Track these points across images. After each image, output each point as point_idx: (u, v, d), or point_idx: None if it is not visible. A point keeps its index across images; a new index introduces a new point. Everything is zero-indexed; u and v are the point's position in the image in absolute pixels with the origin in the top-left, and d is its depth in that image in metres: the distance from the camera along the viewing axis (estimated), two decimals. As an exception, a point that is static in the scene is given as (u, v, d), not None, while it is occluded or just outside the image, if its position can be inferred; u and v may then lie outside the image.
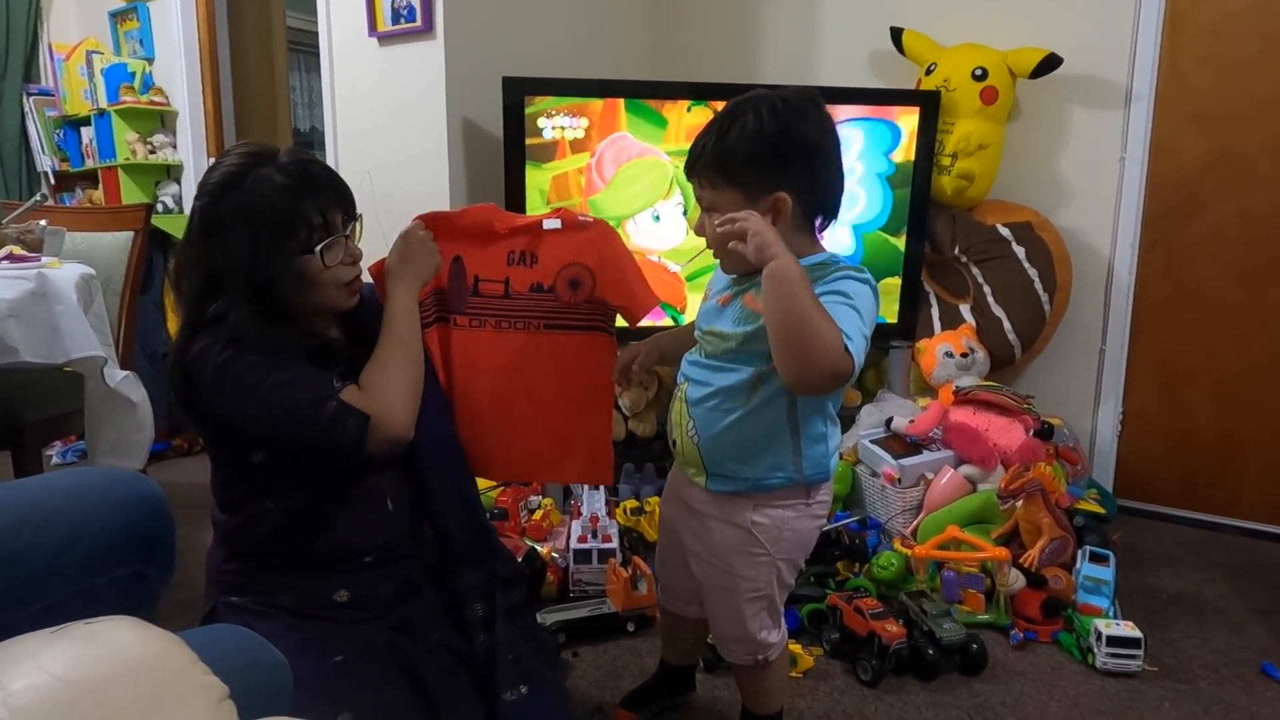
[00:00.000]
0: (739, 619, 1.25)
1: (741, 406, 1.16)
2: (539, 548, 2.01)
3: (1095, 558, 1.95)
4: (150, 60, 3.23)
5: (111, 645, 0.49)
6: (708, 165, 1.14)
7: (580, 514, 2.04)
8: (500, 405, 1.39)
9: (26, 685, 0.45)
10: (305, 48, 4.51)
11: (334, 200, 1.19)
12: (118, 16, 3.29)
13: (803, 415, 1.16)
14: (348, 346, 1.25)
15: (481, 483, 1.55)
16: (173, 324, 3.14)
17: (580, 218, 1.38)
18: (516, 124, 2.28)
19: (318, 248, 1.16)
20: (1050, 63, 2.38)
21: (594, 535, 1.95)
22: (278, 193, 1.13)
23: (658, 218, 2.39)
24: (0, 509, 0.78)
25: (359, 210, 1.24)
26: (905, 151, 2.40)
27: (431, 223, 1.33)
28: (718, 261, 1.22)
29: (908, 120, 2.38)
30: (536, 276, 1.37)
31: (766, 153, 1.11)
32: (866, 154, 2.39)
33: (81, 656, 0.47)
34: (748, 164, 1.11)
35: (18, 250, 1.74)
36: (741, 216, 1.06)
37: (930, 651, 1.66)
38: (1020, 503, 1.98)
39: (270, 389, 1.11)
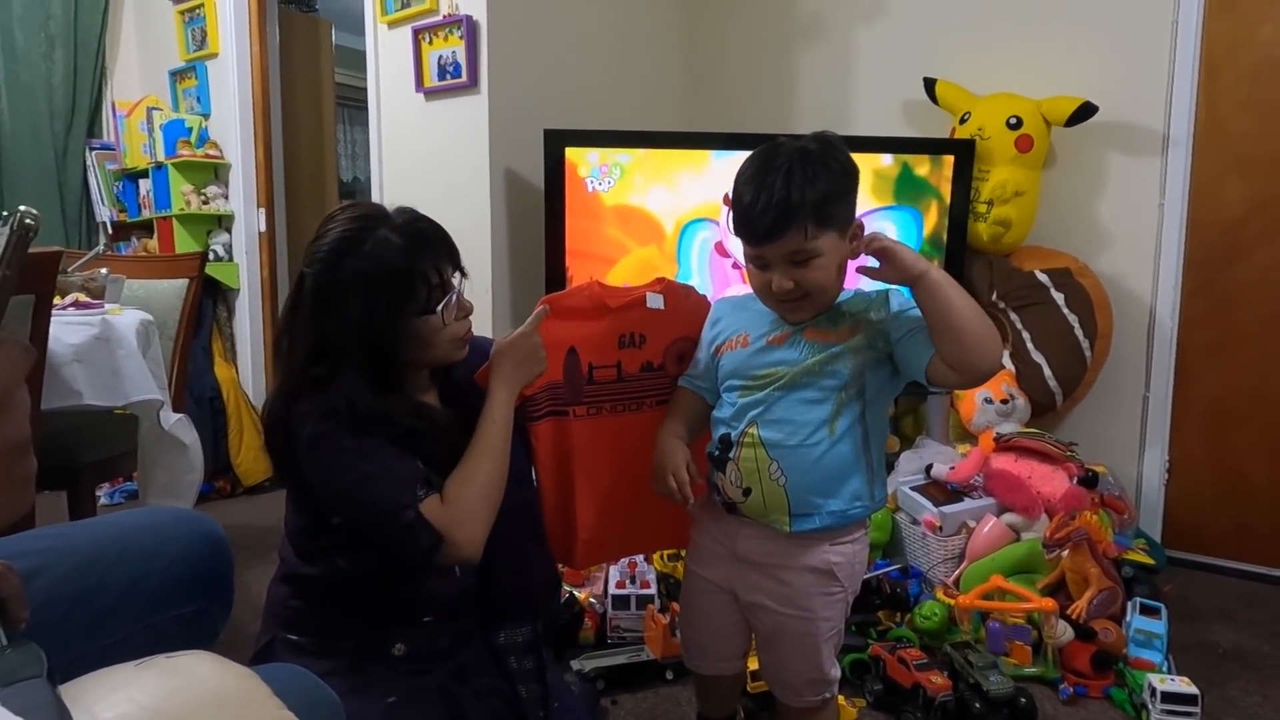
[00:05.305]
0: (816, 662, 1.24)
1: (827, 438, 1.16)
2: (576, 593, 2.00)
3: (1146, 610, 1.89)
4: (206, 116, 3.38)
5: (194, 677, 0.51)
6: (806, 217, 1.11)
7: (617, 560, 2.04)
8: (622, 484, 1.37)
9: (118, 715, 0.47)
10: (349, 101, 4.70)
11: (446, 256, 1.17)
12: (177, 75, 3.45)
13: (872, 442, 1.19)
14: (445, 422, 1.21)
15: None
16: (220, 369, 3.22)
17: (682, 287, 1.39)
18: (557, 174, 2.34)
19: (439, 307, 1.14)
20: (1085, 111, 2.39)
21: (632, 581, 1.94)
22: (397, 254, 1.11)
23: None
24: (76, 547, 0.81)
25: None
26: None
27: (548, 302, 1.32)
28: (761, 308, 1.23)
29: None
30: (646, 356, 1.37)
31: (848, 187, 1.16)
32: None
33: (167, 688, 0.49)
34: (839, 202, 1.14)
35: (82, 298, 1.82)
36: (877, 234, 1.14)
37: (977, 704, 1.61)
38: (1066, 552, 1.94)
39: (354, 479, 1.09)
